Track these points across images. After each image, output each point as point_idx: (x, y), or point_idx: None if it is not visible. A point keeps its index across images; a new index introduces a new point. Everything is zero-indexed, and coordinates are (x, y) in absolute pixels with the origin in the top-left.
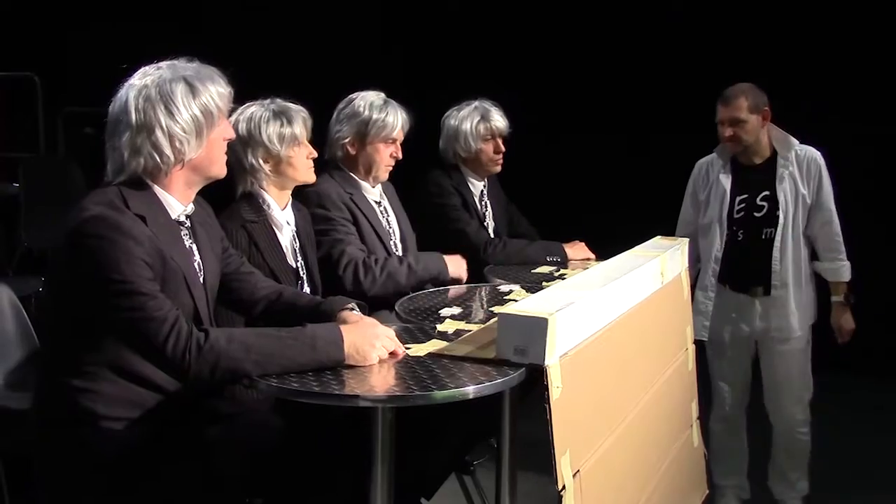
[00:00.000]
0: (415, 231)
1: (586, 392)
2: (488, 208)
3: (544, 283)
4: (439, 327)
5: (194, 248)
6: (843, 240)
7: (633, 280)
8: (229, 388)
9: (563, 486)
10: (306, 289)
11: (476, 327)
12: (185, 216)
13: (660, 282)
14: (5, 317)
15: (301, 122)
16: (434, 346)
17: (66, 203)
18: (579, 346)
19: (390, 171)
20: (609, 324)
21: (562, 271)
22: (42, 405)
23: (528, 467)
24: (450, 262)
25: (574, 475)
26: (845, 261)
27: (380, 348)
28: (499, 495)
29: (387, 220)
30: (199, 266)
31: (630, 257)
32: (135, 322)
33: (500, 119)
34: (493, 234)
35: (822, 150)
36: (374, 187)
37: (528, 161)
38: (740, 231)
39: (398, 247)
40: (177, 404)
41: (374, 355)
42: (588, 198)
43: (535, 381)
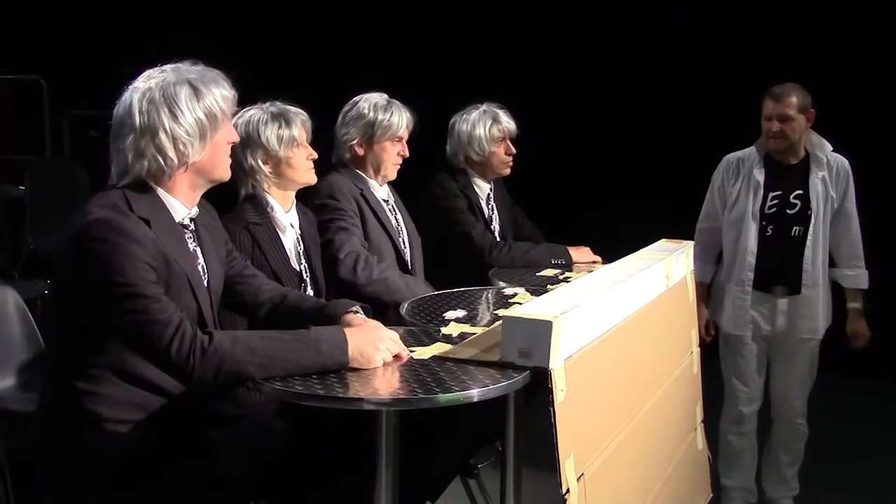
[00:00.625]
0: (420, 234)
1: (591, 395)
2: (494, 211)
3: (549, 286)
4: (444, 330)
5: (198, 251)
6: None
7: (638, 283)
8: (233, 391)
9: (568, 490)
10: (310, 292)
11: (480, 330)
12: (189, 219)
13: (665, 285)
14: (11, 320)
15: (300, 123)
16: (438, 349)
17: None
18: (584, 349)
19: (398, 169)
20: (614, 327)
21: (566, 274)
22: (47, 408)
23: (533, 470)
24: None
25: (578, 478)
26: (864, 269)
27: (384, 351)
28: (503, 498)
29: (395, 218)
30: (203, 269)
31: (635, 260)
32: (139, 325)
33: (509, 121)
34: (498, 237)
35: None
36: (382, 186)
37: (532, 164)
38: (770, 227)
39: (406, 245)
40: (181, 407)
41: (379, 358)
42: (593, 201)
43: (540, 383)
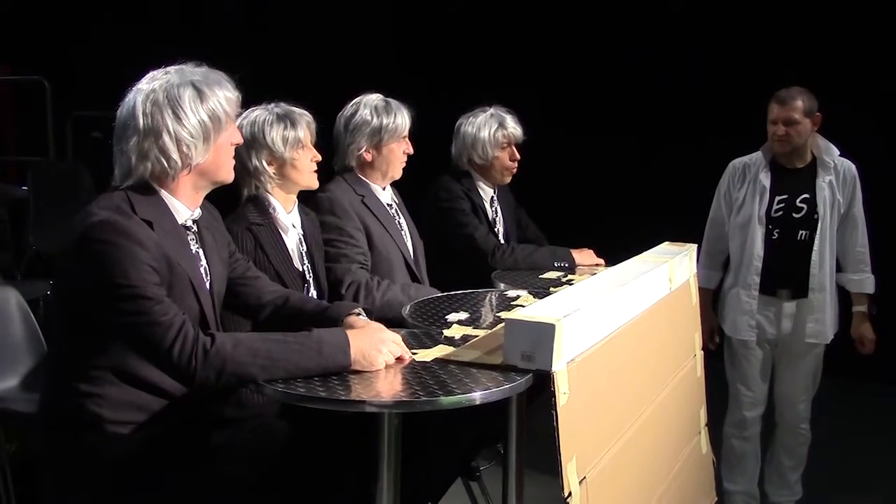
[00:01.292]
0: (423, 237)
1: (593, 398)
2: (498, 213)
3: (552, 289)
4: (446, 332)
5: (201, 252)
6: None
7: (640, 286)
8: (236, 393)
9: (570, 493)
10: (313, 292)
11: (483, 332)
12: (193, 221)
13: (668, 288)
14: (13, 320)
15: (305, 125)
16: (441, 351)
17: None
18: (586, 352)
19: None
20: (617, 330)
21: (569, 277)
22: (48, 409)
23: (536, 472)
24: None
25: (580, 482)
26: (871, 273)
27: (386, 353)
28: (505, 500)
29: (399, 222)
30: (206, 271)
31: (638, 263)
32: (141, 327)
33: (516, 127)
34: (502, 239)
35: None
36: (386, 189)
37: (536, 166)
38: (776, 230)
39: (410, 250)
40: (183, 409)
41: (381, 360)
42: (597, 204)
43: (543, 385)
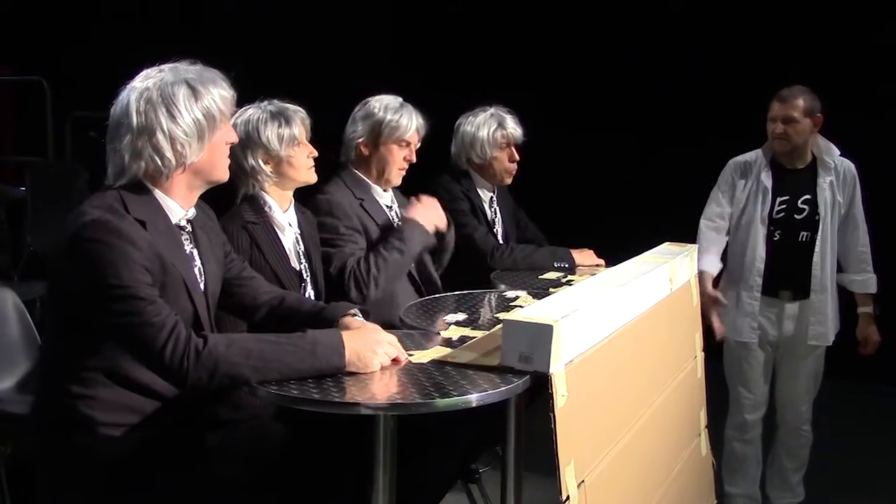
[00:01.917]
0: None
1: (592, 401)
2: (497, 214)
3: (551, 290)
4: (443, 333)
5: (195, 252)
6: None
7: (640, 286)
8: (230, 394)
9: (568, 497)
10: (310, 292)
11: (481, 333)
12: (187, 221)
13: (668, 288)
14: (10, 321)
15: (299, 121)
16: (437, 352)
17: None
18: (585, 353)
19: (402, 175)
20: (616, 331)
21: (569, 277)
22: (41, 410)
23: (535, 475)
24: (419, 215)
25: (579, 485)
26: (873, 273)
27: (382, 355)
28: (504, 503)
29: (397, 224)
30: (200, 271)
31: (638, 263)
32: (133, 327)
33: (515, 127)
34: (501, 239)
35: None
36: (386, 191)
37: (536, 166)
38: (778, 231)
39: None
40: (176, 410)
41: (376, 362)
42: (597, 204)
43: (542, 386)
